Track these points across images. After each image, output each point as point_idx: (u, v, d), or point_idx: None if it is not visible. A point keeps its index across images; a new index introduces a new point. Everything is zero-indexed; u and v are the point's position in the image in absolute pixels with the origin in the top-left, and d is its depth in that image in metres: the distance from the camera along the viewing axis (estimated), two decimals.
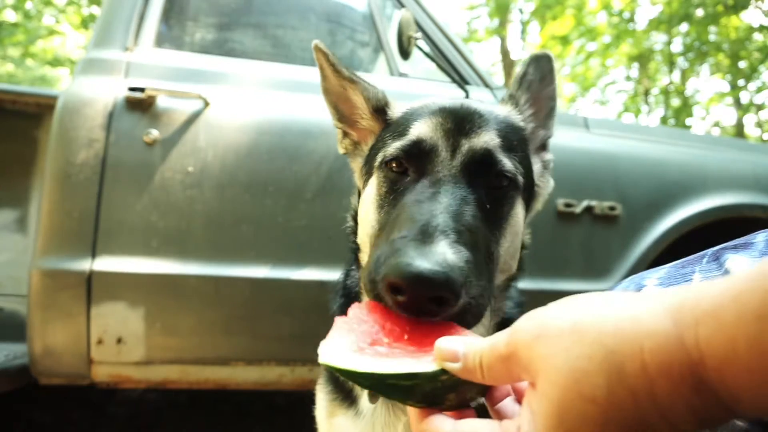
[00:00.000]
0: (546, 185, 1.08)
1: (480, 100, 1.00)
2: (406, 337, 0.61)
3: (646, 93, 14.21)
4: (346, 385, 0.98)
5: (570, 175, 1.96)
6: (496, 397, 0.57)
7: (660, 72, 13.79)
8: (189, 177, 1.71)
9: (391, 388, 0.54)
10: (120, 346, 1.63)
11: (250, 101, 1.84)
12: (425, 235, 0.66)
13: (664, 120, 13.59)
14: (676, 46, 12.46)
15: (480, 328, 0.90)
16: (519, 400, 0.58)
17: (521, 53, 15.07)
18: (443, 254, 0.63)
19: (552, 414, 0.43)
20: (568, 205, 1.91)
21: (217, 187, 1.73)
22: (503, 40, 13.23)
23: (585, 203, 1.92)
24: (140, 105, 1.73)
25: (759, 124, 13.02)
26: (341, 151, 1.14)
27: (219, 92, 1.82)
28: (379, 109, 1.04)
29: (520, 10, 13.52)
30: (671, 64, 12.92)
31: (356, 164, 1.11)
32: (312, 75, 2.00)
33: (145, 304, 1.64)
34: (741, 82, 11.50)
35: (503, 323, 0.97)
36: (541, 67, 1.06)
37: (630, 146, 2.08)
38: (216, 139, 1.75)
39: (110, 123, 1.69)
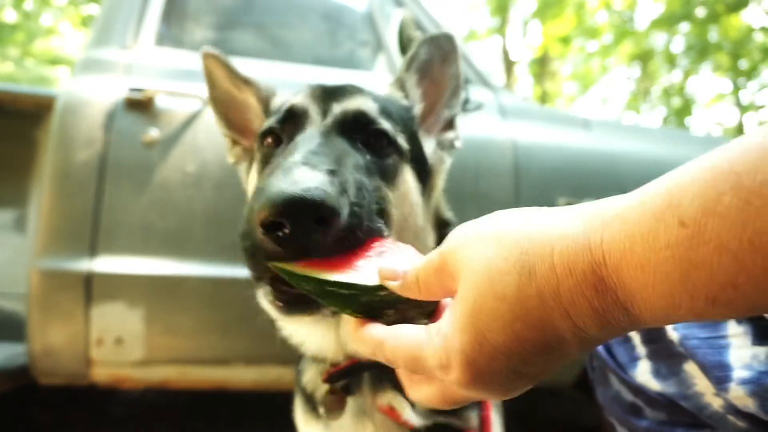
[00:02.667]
0: (441, 163, 1.04)
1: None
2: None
3: (647, 93, 14.21)
4: (312, 398, 0.99)
5: (570, 175, 1.96)
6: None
7: (660, 72, 13.78)
8: (188, 177, 1.71)
9: (330, 295, 0.56)
10: (119, 346, 1.63)
11: None
12: (287, 170, 0.60)
13: (664, 120, 13.59)
14: (677, 45, 12.47)
15: None
16: None
17: (521, 53, 15.07)
18: (307, 175, 0.59)
19: (467, 312, 0.44)
20: (568, 205, 1.90)
21: (217, 186, 1.72)
22: (503, 40, 13.23)
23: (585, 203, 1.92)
24: (140, 105, 1.72)
25: (759, 124, 13.00)
26: (231, 160, 1.13)
27: None
28: (267, 103, 1.04)
29: (521, 11, 13.52)
30: (671, 64, 12.91)
31: (243, 169, 1.09)
32: (312, 74, 2.00)
33: (144, 304, 1.64)
34: (741, 82, 11.50)
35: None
36: (441, 47, 1.03)
37: (631, 146, 2.08)
38: (215, 139, 1.75)
39: (110, 123, 1.69)
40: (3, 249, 2.29)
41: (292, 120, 0.84)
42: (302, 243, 0.58)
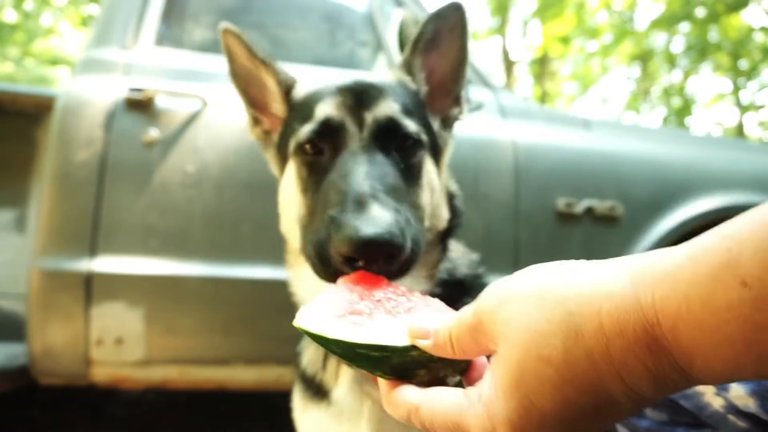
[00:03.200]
0: (448, 140, 1.09)
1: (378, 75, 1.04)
2: (377, 299, 0.63)
3: (647, 93, 14.21)
4: (314, 381, 1.00)
5: (570, 175, 1.96)
6: (474, 378, 0.55)
7: (660, 72, 13.78)
8: (188, 177, 1.71)
9: (361, 358, 0.54)
10: (119, 346, 1.63)
11: None
12: (359, 204, 0.73)
13: (664, 120, 13.59)
14: (677, 45, 12.47)
15: (422, 282, 0.97)
16: None
17: (521, 53, 15.07)
18: (380, 217, 0.71)
19: (511, 377, 0.42)
20: (568, 205, 1.90)
21: (217, 187, 1.72)
22: (503, 40, 13.23)
23: (585, 203, 1.92)
24: (140, 105, 1.72)
25: (759, 124, 13.01)
26: (254, 137, 1.17)
27: (218, 92, 1.82)
28: (288, 92, 1.07)
29: (521, 11, 13.52)
30: (671, 64, 12.91)
31: (270, 154, 1.13)
32: (312, 74, 2.00)
33: (144, 304, 1.64)
34: (741, 82, 11.50)
35: (452, 284, 1.01)
36: (448, 18, 1.02)
37: (631, 146, 2.08)
38: (215, 139, 1.75)
39: (110, 123, 1.69)
40: (3, 249, 2.29)
41: (330, 132, 0.90)
42: (371, 270, 0.70)
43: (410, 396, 0.52)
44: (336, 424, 0.95)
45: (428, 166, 0.96)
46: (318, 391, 0.99)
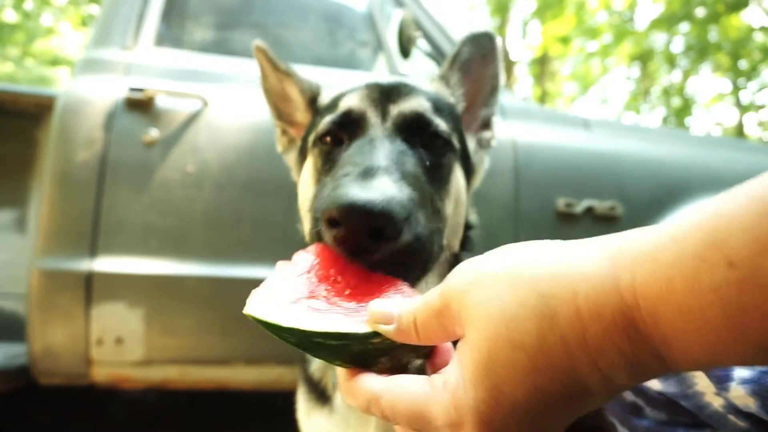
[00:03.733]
0: (482, 163, 1.10)
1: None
2: (347, 292, 0.56)
3: (647, 93, 14.21)
4: (319, 385, 0.99)
5: (570, 175, 1.96)
6: (438, 364, 0.52)
7: (660, 72, 13.78)
8: (188, 177, 1.71)
9: (318, 347, 0.50)
10: (119, 346, 1.63)
11: (250, 101, 1.83)
12: (367, 174, 0.63)
13: (664, 120, 13.59)
14: (677, 46, 12.46)
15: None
16: None
17: (521, 53, 15.07)
18: (383, 187, 0.60)
19: (480, 364, 0.40)
20: (568, 205, 1.91)
21: (217, 187, 1.72)
22: (503, 40, 13.23)
23: (585, 203, 1.92)
24: (140, 105, 1.72)
25: (759, 124, 13.01)
26: (279, 149, 1.17)
27: (219, 92, 1.82)
28: (313, 99, 1.06)
29: (521, 11, 13.52)
30: (671, 64, 12.91)
31: (291, 159, 1.13)
32: (312, 74, 2.00)
33: (144, 304, 1.64)
34: (741, 82, 11.50)
35: None
36: (482, 45, 1.06)
37: (631, 146, 2.08)
38: (216, 139, 1.75)
39: (110, 123, 1.69)
40: (3, 249, 2.29)
41: (351, 122, 0.85)
42: (354, 249, 0.59)
43: (371, 384, 0.48)
44: (342, 431, 0.93)
45: (458, 173, 0.90)
46: (322, 395, 0.98)
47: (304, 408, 1.03)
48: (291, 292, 0.55)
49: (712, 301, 0.32)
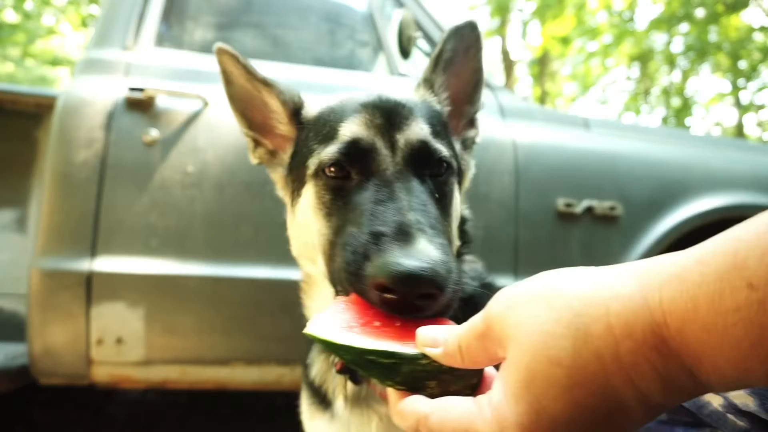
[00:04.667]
0: (468, 164, 1.05)
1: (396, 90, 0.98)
2: (397, 324, 0.61)
3: (647, 93, 14.21)
4: (320, 390, 0.99)
5: (570, 175, 1.96)
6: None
7: (660, 72, 13.78)
8: (188, 177, 1.71)
9: (371, 365, 0.54)
10: (120, 346, 1.63)
11: None
12: (404, 234, 0.67)
13: (664, 120, 13.59)
14: (676, 46, 12.47)
15: None
16: None
17: (521, 53, 15.08)
18: (427, 252, 0.64)
19: (520, 379, 0.42)
20: (568, 205, 1.91)
21: (217, 187, 1.72)
22: (503, 40, 13.23)
23: (585, 203, 1.92)
24: (140, 105, 1.72)
25: (759, 124, 13.02)
26: (255, 161, 1.10)
27: (219, 92, 1.82)
28: (296, 112, 1.00)
29: (520, 10, 13.53)
30: (671, 64, 12.91)
31: (277, 175, 1.06)
32: (312, 74, 2.01)
33: (144, 304, 1.64)
34: (741, 82, 11.50)
35: (466, 300, 0.96)
36: (465, 37, 1.00)
37: (630, 146, 2.08)
38: (216, 139, 1.75)
39: (110, 123, 1.69)
40: (4, 249, 2.29)
41: (359, 155, 0.83)
42: (404, 310, 0.62)
43: (419, 405, 0.51)
44: None
45: (456, 192, 0.91)
46: (323, 400, 0.98)
47: (306, 412, 1.03)
48: (345, 321, 0.60)
49: (735, 320, 0.34)
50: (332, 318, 0.60)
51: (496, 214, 1.87)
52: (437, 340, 0.51)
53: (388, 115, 0.86)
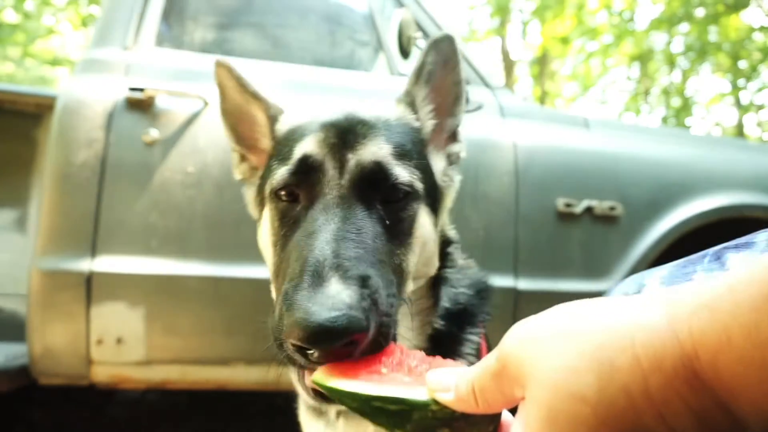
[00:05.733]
0: (452, 181, 1.00)
1: (372, 107, 0.95)
2: (406, 369, 0.59)
3: (647, 93, 14.21)
4: None
5: (570, 175, 1.96)
6: None
7: (660, 72, 13.78)
8: (189, 177, 1.71)
9: (378, 412, 0.51)
10: (120, 346, 1.63)
11: None
12: (316, 277, 0.63)
13: (664, 120, 13.59)
14: (676, 46, 12.47)
15: (407, 332, 0.87)
16: None
17: (521, 53, 15.08)
18: (337, 295, 0.60)
19: (541, 419, 0.39)
20: (568, 205, 1.91)
21: (217, 187, 1.72)
22: (503, 40, 13.23)
23: (585, 203, 1.92)
24: (140, 105, 1.72)
25: (759, 124, 13.02)
26: (238, 176, 1.08)
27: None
28: (274, 124, 0.99)
29: (520, 10, 13.53)
30: (671, 64, 12.91)
31: (249, 193, 1.05)
32: (312, 74, 2.01)
33: (144, 304, 1.64)
34: (741, 82, 11.50)
35: (455, 314, 0.94)
36: (443, 50, 0.96)
37: (630, 146, 2.08)
38: (216, 139, 1.75)
39: (110, 123, 1.69)
40: (4, 249, 2.29)
41: (306, 175, 0.79)
42: (331, 359, 0.60)
43: None
44: None
45: (422, 218, 0.84)
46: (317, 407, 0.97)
47: (303, 416, 1.03)
48: (351, 367, 0.58)
49: None
50: (339, 364, 0.58)
51: (496, 215, 1.87)
52: (448, 384, 0.48)
53: (344, 133, 0.82)
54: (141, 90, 1.71)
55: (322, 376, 0.56)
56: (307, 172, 0.80)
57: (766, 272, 0.34)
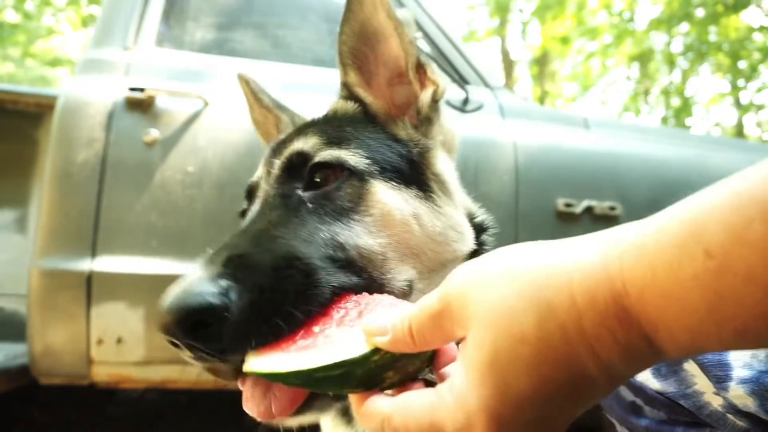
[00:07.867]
0: (435, 147, 0.89)
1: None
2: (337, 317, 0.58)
3: (646, 93, 14.21)
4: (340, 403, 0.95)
5: (570, 175, 1.96)
6: (443, 363, 0.51)
7: (660, 72, 13.79)
8: (189, 177, 1.71)
9: (323, 381, 0.50)
10: (120, 346, 1.63)
11: None
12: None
13: (664, 120, 13.60)
14: (676, 46, 12.47)
15: None
16: None
17: (521, 53, 15.09)
18: (185, 280, 0.59)
19: (483, 360, 0.40)
20: (568, 205, 1.91)
21: (217, 186, 1.73)
22: (503, 40, 13.24)
23: (585, 203, 1.92)
24: (140, 105, 1.72)
25: (759, 124, 13.02)
26: None
27: (219, 92, 1.82)
28: None
29: (520, 10, 13.54)
30: (671, 64, 12.92)
31: None
32: (311, 75, 2.01)
33: (145, 304, 1.64)
34: (741, 82, 11.51)
35: None
36: (359, 20, 0.86)
37: (630, 146, 2.08)
38: (216, 139, 1.75)
39: (110, 123, 1.69)
40: (4, 249, 2.29)
41: (251, 198, 0.84)
42: (208, 352, 0.58)
43: (381, 406, 0.48)
44: None
45: (378, 195, 0.75)
46: (345, 412, 0.89)
47: (329, 424, 0.96)
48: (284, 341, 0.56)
49: (692, 287, 0.34)
50: (267, 346, 0.56)
51: (496, 214, 1.87)
52: (385, 328, 0.48)
53: (278, 145, 0.85)
54: (141, 90, 1.72)
55: (255, 363, 0.53)
56: (250, 195, 0.85)
57: (689, 212, 0.37)
